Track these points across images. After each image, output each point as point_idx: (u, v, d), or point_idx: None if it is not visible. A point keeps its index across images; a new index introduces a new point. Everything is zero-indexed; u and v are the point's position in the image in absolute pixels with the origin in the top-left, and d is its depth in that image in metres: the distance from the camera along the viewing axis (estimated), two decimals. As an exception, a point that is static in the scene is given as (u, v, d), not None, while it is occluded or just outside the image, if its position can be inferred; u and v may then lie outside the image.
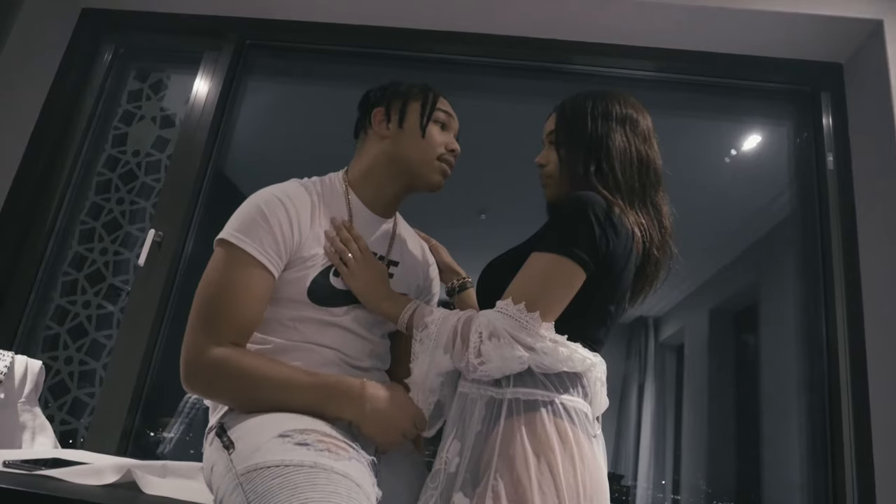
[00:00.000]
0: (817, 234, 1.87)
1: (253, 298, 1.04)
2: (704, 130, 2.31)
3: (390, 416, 1.01)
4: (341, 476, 0.83)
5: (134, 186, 2.15)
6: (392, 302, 1.13)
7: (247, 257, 1.04)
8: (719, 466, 3.10)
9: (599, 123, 1.15)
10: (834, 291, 1.79)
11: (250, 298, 1.03)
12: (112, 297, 2.06)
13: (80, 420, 1.97)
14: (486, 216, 3.02)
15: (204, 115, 2.07)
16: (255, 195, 1.11)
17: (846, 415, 1.67)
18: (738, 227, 2.74)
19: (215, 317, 1.01)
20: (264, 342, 1.09)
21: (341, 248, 1.13)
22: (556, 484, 0.93)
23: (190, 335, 1.02)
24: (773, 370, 2.61)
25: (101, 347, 2.02)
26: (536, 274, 1.01)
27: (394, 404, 1.03)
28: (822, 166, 1.88)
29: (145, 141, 2.17)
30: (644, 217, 1.11)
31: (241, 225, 1.06)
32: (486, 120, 2.30)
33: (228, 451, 0.93)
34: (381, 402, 1.02)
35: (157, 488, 1.03)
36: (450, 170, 1.23)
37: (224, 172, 2.13)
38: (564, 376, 1.01)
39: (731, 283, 3.06)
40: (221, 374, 0.99)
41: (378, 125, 1.21)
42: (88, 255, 2.10)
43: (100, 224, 2.13)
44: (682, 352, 3.64)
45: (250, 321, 1.04)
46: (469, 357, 0.98)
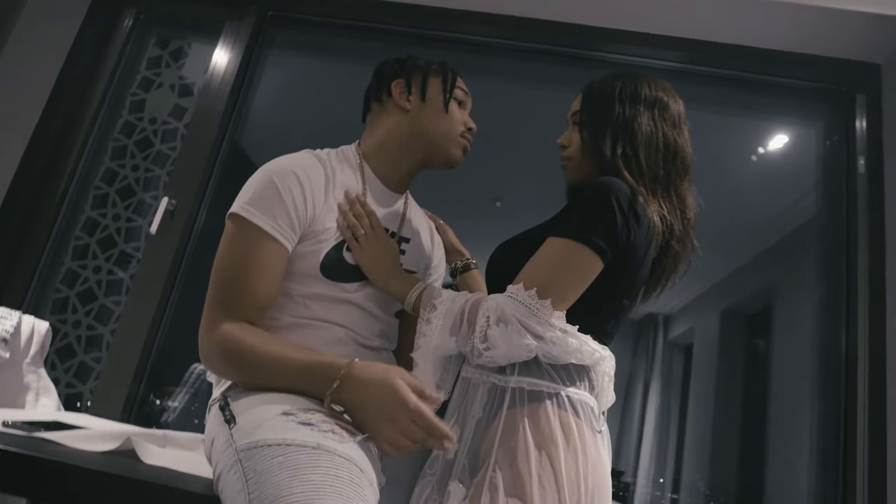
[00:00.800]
0: (843, 239, 1.81)
1: (267, 274, 1.00)
2: (731, 127, 2.24)
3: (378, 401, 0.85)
4: (344, 459, 0.79)
5: (149, 154, 2.12)
6: (401, 281, 1.09)
7: (259, 232, 1.00)
8: (721, 469, 3.06)
9: (627, 105, 1.09)
10: (857, 299, 1.73)
11: (264, 274, 1.00)
12: (123, 264, 2.04)
13: (85, 384, 1.96)
14: (502, 204, 2.97)
15: (223, 86, 2.03)
16: (267, 166, 1.07)
17: (861, 427, 1.62)
18: (758, 228, 2.67)
19: (228, 295, 0.99)
20: (273, 319, 1.06)
21: (353, 223, 1.09)
22: (556, 479, 0.90)
23: (206, 313, 1.00)
24: (784, 376, 2.55)
25: (109, 313, 2.01)
26: (551, 260, 0.97)
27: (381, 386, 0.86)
28: (853, 170, 1.81)
29: (163, 108, 2.14)
30: (666, 206, 1.06)
31: (252, 198, 1.02)
32: (504, 105, 2.25)
33: (229, 425, 0.90)
34: (367, 384, 0.87)
35: (157, 458, 1.00)
36: (468, 146, 1.21)
37: (240, 144, 2.10)
38: (571, 368, 0.98)
39: (746, 284, 3.00)
40: (227, 351, 0.96)
41: (399, 97, 1.17)
42: (101, 220, 2.08)
43: (114, 190, 2.10)
44: (690, 351, 3.59)
45: (265, 297, 1.01)
46: (475, 341, 0.94)
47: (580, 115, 1.14)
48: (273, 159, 1.09)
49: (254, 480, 0.77)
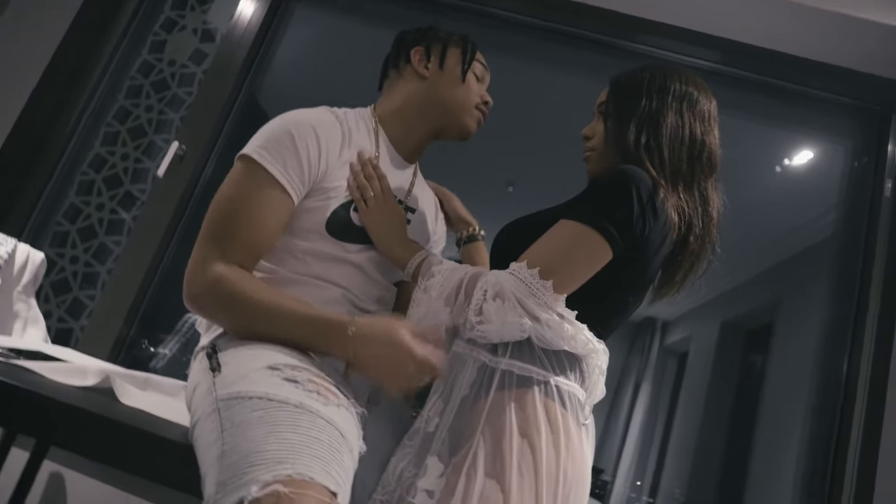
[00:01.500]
0: (858, 262, 1.75)
1: (268, 220, 0.97)
2: (756, 135, 2.17)
3: (386, 356, 0.88)
4: (326, 422, 0.76)
5: (165, 96, 2.07)
6: (404, 248, 1.06)
7: (268, 177, 0.97)
8: (700, 480, 3.04)
9: (654, 98, 1.05)
10: (865, 325, 1.68)
11: (265, 219, 0.97)
12: (127, 205, 2.01)
13: (77, 321, 1.94)
14: (514, 188, 2.92)
15: (246, 35, 1.98)
16: (285, 116, 1.04)
17: (851, 457, 1.59)
18: (770, 242, 2.62)
19: (225, 234, 0.95)
20: (270, 272, 1.03)
21: (363, 184, 1.06)
22: (536, 468, 0.87)
23: (197, 249, 0.96)
24: (777, 395, 2.51)
25: (108, 252, 1.98)
26: (559, 241, 0.94)
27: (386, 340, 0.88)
28: (878, 192, 1.75)
29: (183, 52, 2.09)
30: (688, 202, 1.02)
31: (266, 143, 0.99)
32: (525, 86, 2.19)
33: (213, 373, 0.87)
34: (373, 341, 0.88)
35: (135, 400, 0.97)
36: (483, 119, 1.20)
37: (257, 97, 2.05)
38: (563, 356, 0.95)
39: (750, 298, 2.95)
40: (220, 294, 0.93)
41: (417, 64, 1.17)
42: (109, 157, 2.04)
43: (125, 129, 2.06)
44: (685, 359, 3.56)
45: (261, 244, 0.98)
46: (469, 314, 0.92)
47: (606, 105, 1.11)
48: (290, 111, 1.06)
49: (229, 432, 0.74)
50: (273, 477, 0.65)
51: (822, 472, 1.68)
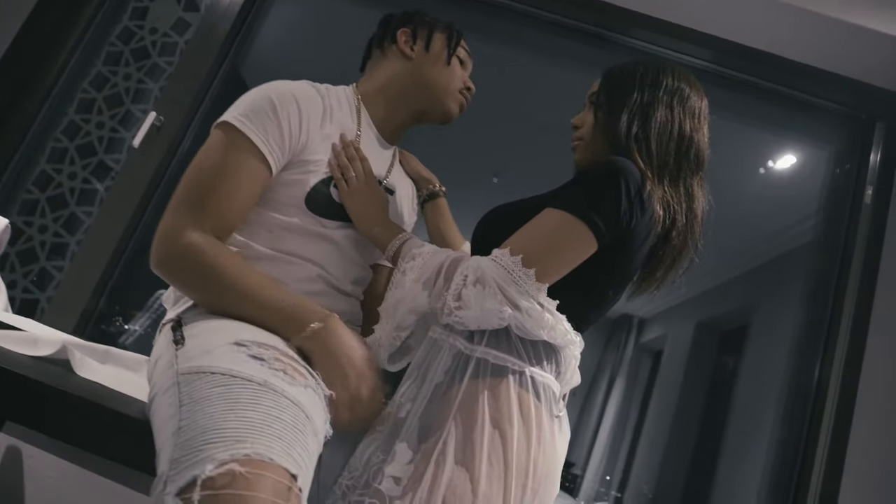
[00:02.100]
0: (835, 269, 1.75)
1: (245, 189, 0.94)
2: (740, 136, 2.17)
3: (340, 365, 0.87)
4: (291, 402, 0.73)
5: (144, 65, 2.00)
6: (385, 229, 1.03)
7: (247, 143, 0.94)
8: (668, 477, 3.06)
9: (646, 91, 1.05)
10: (838, 332, 1.68)
11: (243, 188, 0.94)
12: (100, 175, 1.94)
13: (43, 292, 1.87)
14: (500, 179, 2.89)
15: (231, 6, 1.92)
16: (266, 85, 1.01)
17: (819, 461, 1.59)
18: (749, 245, 2.63)
19: (201, 200, 0.91)
20: (244, 247, 0.99)
21: (345, 164, 1.04)
22: (505, 458, 0.85)
23: (170, 214, 0.92)
24: (748, 397, 2.53)
25: (79, 223, 1.91)
26: (544, 230, 0.91)
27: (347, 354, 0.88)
28: (859, 199, 1.75)
29: (165, 20, 2.01)
30: (672, 196, 1.01)
31: (247, 110, 0.96)
32: (511, 76, 2.15)
33: (176, 346, 0.84)
34: (334, 345, 0.88)
35: (92, 372, 0.92)
36: (466, 104, 1.20)
37: (239, 70, 1.99)
38: (541, 347, 0.93)
39: (726, 300, 2.96)
40: (193, 263, 0.89)
41: (403, 44, 1.16)
42: (84, 125, 1.97)
43: (101, 96, 1.98)
44: (659, 358, 3.57)
45: (238, 213, 0.95)
46: (447, 299, 0.89)
47: (598, 95, 1.10)
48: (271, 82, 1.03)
49: (188, 407, 0.70)
50: (230, 456, 0.62)
51: (788, 476, 1.68)
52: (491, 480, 0.84)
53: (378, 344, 0.97)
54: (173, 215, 0.91)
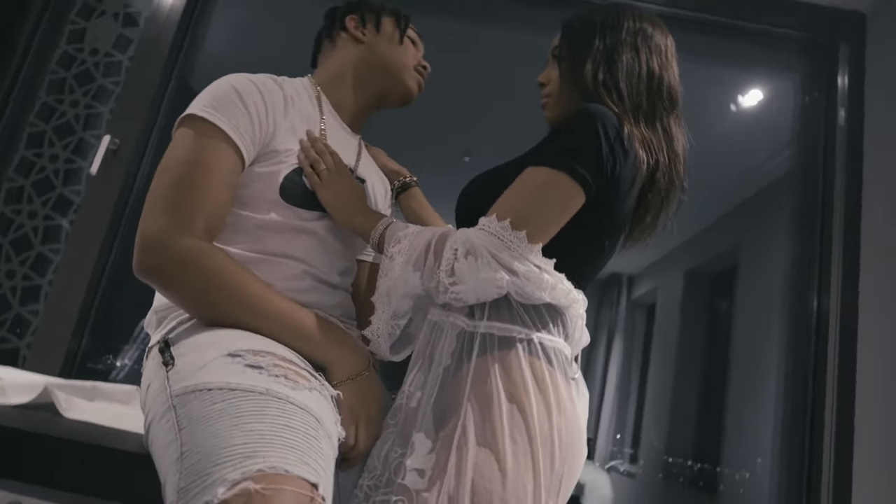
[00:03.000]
0: (818, 196, 1.73)
1: (226, 182, 0.89)
2: (704, 77, 2.13)
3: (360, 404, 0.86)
4: (298, 408, 0.67)
5: (90, 89, 1.90)
6: (365, 217, 0.98)
7: (220, 134, 0.88)
8: (679, 427, 3.07)
9: (608, 36, 1.01)
10: (831, 257, 1.66)
11: (223, 182, 0.88)
12: (62, 209, 1.84)
13: (22, 339, 1.78)
14: (471, 158, 2.84)
15: (171, 15, 1.82)
16: (225, 77, 0.96)
17: (830, 388, 1.57)
18: (727, 186, 2.61)
19: (185, 198, 0.84)
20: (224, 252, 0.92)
21: (315, 158, 0.98)
22: (528, 432, 0.82)
23: (152, 216, 0.84)
24: (749, 337, 2.53)
25: (47, 262, 1.82)
26: (528, 190, 0.87)
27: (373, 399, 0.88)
28: (832, 122, 1.73)
29: (105, 39, 1.91)
30: (652, 138, 0.97)
31: (212, 101, 0.90)
32: (472, 52, 2.10)
33: (166, 367, 0.78)
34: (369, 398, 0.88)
35: (80, 412, 0.86)
36: (423, 82, 1.18)
37: (189, 82, 1.90)
38: (544, 311, 0.89)
39: (711, 244, 2.96)
40: (192, 268, 0.82)
41: (354, 29, 1.13)
42: (37, 160, 1.87)
43: (51, 128, 1.88)
44: (653, 311, 3.58)
45: (222, 207, 0.89)
46: (440, 276, 0.85)
47: (560, 49, 1.06)
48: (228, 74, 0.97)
49: (187, 430, 0.64)
50: (241, 474, 0.57)
51: (801, 407, 1.66)
52: (517, 457, 0.80)
53: (377, 335, 0.92)
54: (157, 217, 0.84)
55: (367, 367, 0.89)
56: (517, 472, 0.80)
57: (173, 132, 0.92)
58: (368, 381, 0.88)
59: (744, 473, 2.46)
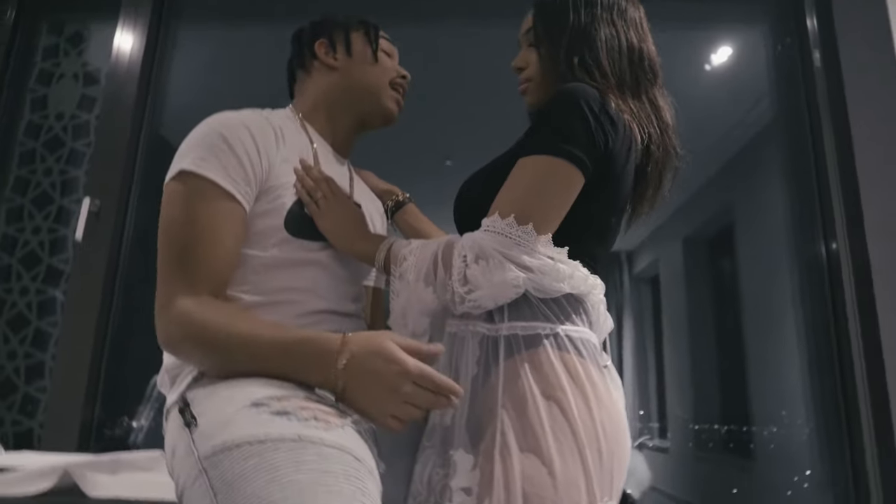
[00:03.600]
0: (807, 139, 1.70)
1: (227, 237, 0.85)
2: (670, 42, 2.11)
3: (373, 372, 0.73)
4: (335, 450, 0.64)
5: (62, 154, 1.86)
6: (367, 241, 0.95)
7: (213, 187, 0.84)
8: (702, 393, 3.04)
9: (582, 13, 0.97)
10: (830, 195, 1.63)
11: (224, 236, 0.84)
12: (53, 280, 1.80)
13: (34, 418, 1.73)
14: (453, 162, 2.81)
15: (131, 68, 1.78)
16: (209, 120, 0.91)
17: (853, 321, 1.54)
18: (710, 148, 2.60)
19: (186, 263, 0.82)
20: (235, 299, 0.89)
21: (311, 186, 0.95)
22: (572, 429, 0.78)
23: (160, 287, 0.83)
24: (757, 292, 2.51)
25: (46, 336, 1.77)
26: (526, 181, 0.84)
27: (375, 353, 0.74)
28: (809, 67, 1.70)
29: (68, 101, 1.88)
30: (640, 111, 0.95)
31: (199, 151, 0.86)
32: (445, 55, 2.07)
33: (190, 429, 0.74)
34: (360, 354, 0.75)
35: (105, 488, 0.81)
36: (402, 98, 1.12)
37: (160, 132, 1.86)
38: (565, 302, 0.86)
39: (704, 207, 2.94)
40: (189, 330, 0.80)
41: (324, 56, 1.08)
42: (19, 235, 1.82)
43: (28, 200, 1.84)
44: (657, 283, 3.55)
45: (228, 264, 0.86)
46: (454, 286, 0.81)
47: (534, 31, 1.02)
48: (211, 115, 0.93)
49: (224, 494, 0.61)
50: (287, 533, 0.53)
51: (826, 351, 1.63)
52: (564, 457, 0.77)
53: None
54: (164, 287, 0.83)
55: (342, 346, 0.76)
56: (567, 473, 0.77)
57: (164, 186, 0.88)
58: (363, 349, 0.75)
59: (772, 428, 2.44)
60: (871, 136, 1.60)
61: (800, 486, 2.01)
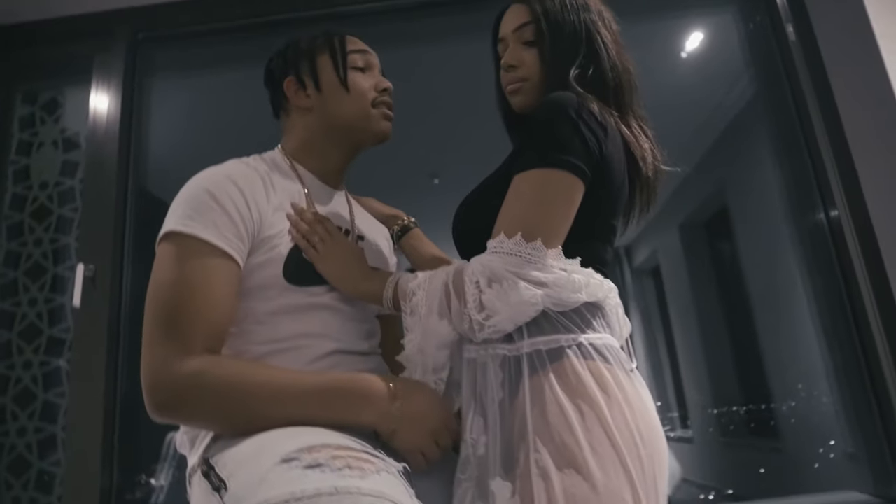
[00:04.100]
0: (791, 109, 1.70)
1: (220, 294, 0.82)
2: (642, 35, 2.12)
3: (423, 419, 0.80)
4: (374, 498, 0.61)
5: (50, 222, 1.83)
6: (371, 281, 0.92)
7: (204, 246, 0.82)
8: (720, 378, 3.02)
9: (580, 14, 0.96)
10: (823, 162, 1.62)
11: (217, 294, 0.82)
12: (55, 351, 1.76)
13: (51, 494, 1.68)
14: (440, 180, 2.80)
15: (109, 128, 1.76)
16: (194, 178, 0.90)
17: (864, 286, 1.53)
18: (694, 133, 2.60)
19: (178, 322, 0.79)
20: (242, 352, 0.87)
21: (307, 230, 0.93)
22: (609, 438, 0.76)
23: (150, 351, 0.79)
24: (761, 269, 2.50)
25: (55, 408, 1.73)
26: (527, 196, 0.83)
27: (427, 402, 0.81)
28: (784, 41, 1.70)
29: (51, 169, 1.85)
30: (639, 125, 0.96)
31: (187, 210, 0.84)
32: (429, 73, 2.06)
33: (220, 493, 0.70)
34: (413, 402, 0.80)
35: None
36: (390, 110, 1.05)
37: (147, 188, 1.84)
38: (584, 310, 0.84)
39: (696, 193, 2.94)
40: (200, 391, 0.76)
41: (295, 97, 1.03)
42: (16, 309, 1.79)
43: (21, 273, 1.81)
44: (659, 273, 3.54)
45: (221, 322, 0.82)
46: (470, 314, 0.79)
47: (534, 29, 0.97)
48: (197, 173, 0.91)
49: None
50: None
51: (842, 318, 1.61)
52: (606, 469, 0.74)
53: None
54: (153, 351, 0.79)
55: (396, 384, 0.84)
56: (610, 485, 0.74)
57: (156, 247, 0.86)
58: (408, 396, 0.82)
59: (790, 403, 2.42)
60: (854, 98, 1.60)
61: (826, 458, 1.99)
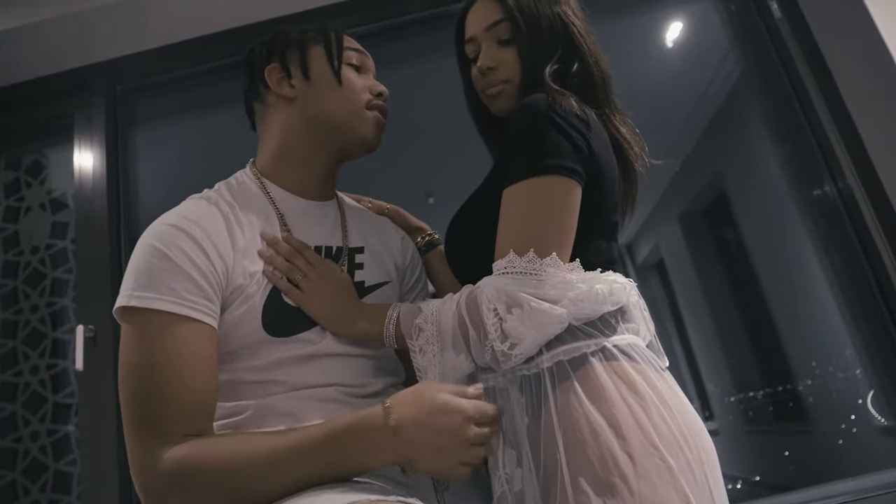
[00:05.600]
0: (787, 86, 1.65)
1: (191, 366, 0.72)
2: (623, 30, 2.10)
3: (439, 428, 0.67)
4: None
5: (45, 287, 1.77)
6: (368, 319, 0.84)
7: (163, 318, 0.72)
8: (738, 365, 2.97)
9: (552, 7, 0.92)
10: (826, 133, 1.57)
11: (188, 369, 0.71)
12: (62, 418, 1.70)
13: (72, 566, 1.61)
14: (435, 199, 2.76)
15: (97, 184, 1.72)
16: (142, 237, 0.79)
17: (888, 258, 1.47)
18: (684, 122, 2.57)
19: (150, 412, 0.70)
20: (235, 413, 0.78)
21: (286, 267, 0.83)
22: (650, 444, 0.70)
23: (130, 448, 0.70)
24: (770, 251, 2.46)
25: (68, 478, 1.66)
26: (527, 210, 0.78)
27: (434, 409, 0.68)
28: (770, 20, 1.67)
29: (40, 233, 1.80)
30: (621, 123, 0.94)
31: (136, 279, 0.74)
32: (424, 91, 2.03)
33: None
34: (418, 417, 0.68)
35: None
36: (383, 116, 0.94)
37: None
38: (606, 315, 0.79)
39: (692, 181, 2.90)
40: (189, 481, 0.67)
41: (278, 85, 0.90)
42: (17, 380, 1.73)
43: (20, 342, 1.75)
44: (663, 267, 3.49)
45: (199, 398, 0.72)
46: (493, 344, 0.74)
47: (509, 24, 0.91)
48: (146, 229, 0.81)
49: None
50: None
51: (867, 289, 1.55)
52: (650, 479, 0.68)
53: None
54: (134, 447, 0.70)
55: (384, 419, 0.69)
56: (657, 496, 0.68)
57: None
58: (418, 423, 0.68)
59: (806, 381, 2.37)
60: (850, 64, 1.55)
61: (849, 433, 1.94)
